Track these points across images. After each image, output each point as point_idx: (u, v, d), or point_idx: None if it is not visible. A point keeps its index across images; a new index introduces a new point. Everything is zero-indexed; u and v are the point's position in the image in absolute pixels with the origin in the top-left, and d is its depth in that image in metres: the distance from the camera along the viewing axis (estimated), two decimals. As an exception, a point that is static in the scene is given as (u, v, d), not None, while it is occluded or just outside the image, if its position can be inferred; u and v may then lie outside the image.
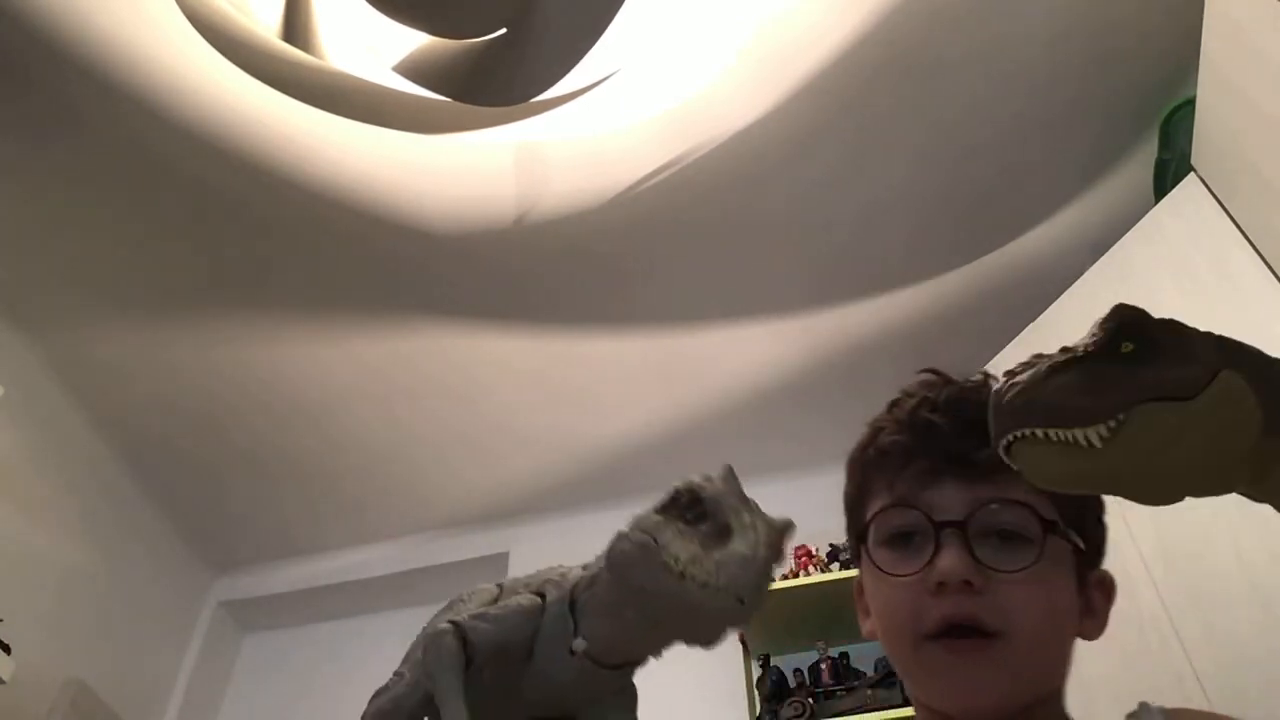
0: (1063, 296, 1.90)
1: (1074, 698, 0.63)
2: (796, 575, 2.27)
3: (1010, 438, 0.36)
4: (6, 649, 2.05)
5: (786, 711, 2.17)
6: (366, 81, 1.63)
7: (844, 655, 2.37)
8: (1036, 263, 2.23)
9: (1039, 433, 0.35)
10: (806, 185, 2.07)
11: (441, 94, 1.56)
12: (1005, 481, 0.54)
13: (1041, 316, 1.93)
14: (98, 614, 2.52)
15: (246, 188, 2.00)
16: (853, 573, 0.92)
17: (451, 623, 0.55)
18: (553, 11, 1.52)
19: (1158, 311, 0.39)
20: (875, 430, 0.68)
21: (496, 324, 2.35)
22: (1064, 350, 0.37)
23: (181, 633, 2.88)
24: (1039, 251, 2.22)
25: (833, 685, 2.26)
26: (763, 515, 0.52)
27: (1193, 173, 1.65)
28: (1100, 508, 0.65)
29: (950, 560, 0.57)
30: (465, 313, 2.32)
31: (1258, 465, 0.37)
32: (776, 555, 0.51)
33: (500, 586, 0.62)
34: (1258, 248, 1.48)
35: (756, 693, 2.29)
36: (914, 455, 0.63)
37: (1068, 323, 1.87)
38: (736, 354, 2.43)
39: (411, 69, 1.56)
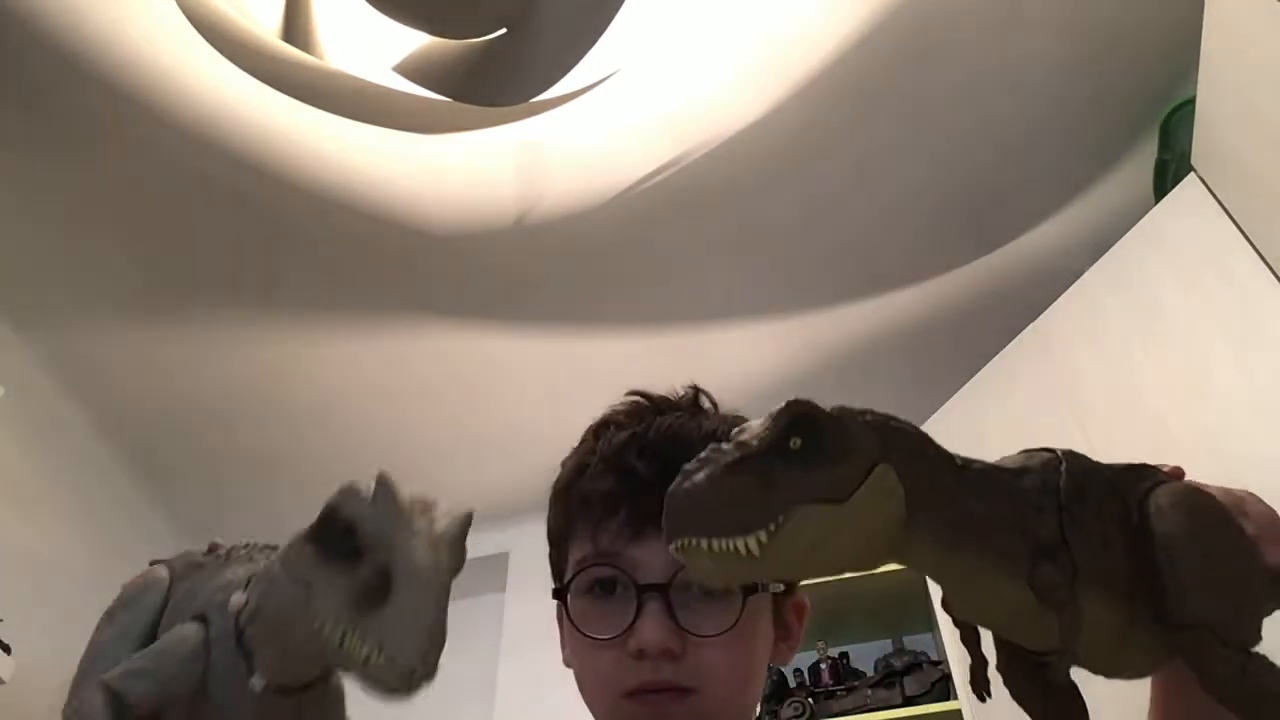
0: (1063, 296, 1.89)
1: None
2: (795, 576, 2.27)
3: (677, 543, 0.37)
4: (6, 649, 2.04)
5: (786, 711, 2.18)
6: (366, 81, 1.62)
7: (844, 655, 2.37)
8: (1036, 263, 2.23)
9: (701, 543, 0.36)
10: (806, 185, 2.07)
11: (441, 94, 1.56)
12: None
13: (1041, 316, 1.93)
14: (98, 614, 2.51)
15: (246, 188, 2.00)
16: (854, 574, 0.92)
17: (102, 684, 0.47)
18: (553, 11, 1.52)
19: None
20: (580, 467, 0.67)
21: (496, 324, 2.35)
22: (739, 445, 0.38)
23: (181, 633, 2.88)
24: (1039, 251, 2.22)
25: (832, 685, 2.26)
26: (427, 533, 0.45)
27: (1193, 173, 1.65)
28: None
29: (651, 630, 0.57)
30: (465, 313, 2.32)
31: (897, 547, 0.40)
32: (455, 569, 0.45)
33: (172, 572, 0.57)
34: (1258, 248, 1.48)
35: (756, 693, 2.29)
36: (618, 506, 0.61)
37: (1068, 322, 1.87)
38: (736, 354, 2.43)
39: (411, 69, 1.56)
